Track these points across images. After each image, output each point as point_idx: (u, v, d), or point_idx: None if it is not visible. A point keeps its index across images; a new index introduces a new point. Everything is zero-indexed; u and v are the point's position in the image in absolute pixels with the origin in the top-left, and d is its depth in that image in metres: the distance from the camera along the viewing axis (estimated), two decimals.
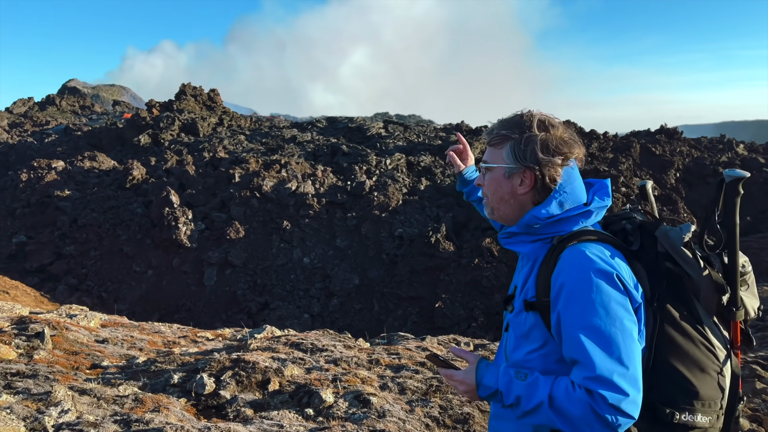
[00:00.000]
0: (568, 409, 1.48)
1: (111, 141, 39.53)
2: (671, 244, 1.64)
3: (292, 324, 20.73)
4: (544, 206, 1.65)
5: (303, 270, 22.89)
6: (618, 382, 1.45)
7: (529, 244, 1.70)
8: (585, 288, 1.52)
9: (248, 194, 24.95)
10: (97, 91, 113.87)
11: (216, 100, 45.98)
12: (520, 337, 1.69)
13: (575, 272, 1.55)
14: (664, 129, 45.01)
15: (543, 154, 1.63)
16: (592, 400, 1.45)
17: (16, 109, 63.28)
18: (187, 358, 4.47)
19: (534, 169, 1.65)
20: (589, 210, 1.66)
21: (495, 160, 1.70)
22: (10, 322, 5.27)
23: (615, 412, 1.44)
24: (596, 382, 1.46)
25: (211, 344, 6.17)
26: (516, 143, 1.66)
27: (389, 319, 21.11)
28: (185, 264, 22.97)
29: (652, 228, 1.69)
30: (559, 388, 1.51)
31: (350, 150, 29.76)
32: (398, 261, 22.20)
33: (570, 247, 1.59)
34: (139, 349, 5.34)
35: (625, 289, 1.54)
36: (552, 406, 1.50)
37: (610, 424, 1.45)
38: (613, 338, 1.48)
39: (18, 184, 29.30)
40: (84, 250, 24.10)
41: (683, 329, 1.61)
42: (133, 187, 27.57)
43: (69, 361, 4.40)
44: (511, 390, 1.57)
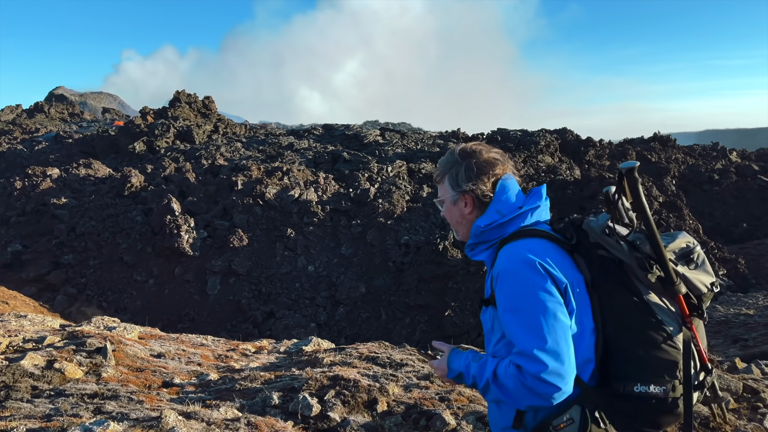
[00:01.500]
0: (505, 384, 1.70)
1: (105, 148, 38.94)
2: (594, 234, 1.83)
3: (299, 333, 20.40)
4: (483, 217, 1.92)
5: (308, 278, 22.57)
6: (538, 355, 1.64)
7: (485, 251, 1.94)
8: (510, 276, 1.75)
9: (251, 202, 24.61)
10: (85, 98, 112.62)
11: (210, 107, 45.57)
12: (488, 333, 1.91)
13: (504, 263, 1.79)
14: (658, 136, 45.46)
15: (471, 178, 1.93)
16: (519, 373, 1.67)
17: (3, 116, 62.22)
18: (266, 374, 4.22)
19: (469, 192, 1.94)
20: (523, 212, 1.89)
21: (442, 194, 2.03)
22: (61, 337, 4.98)
23: (538, 382, 1.64)
24: (520, 356, 1.67)
25: (262, 357, 5.91)
26: (451, 175, 1.97)
27: (397, 327, 20.87)
28: (188, 273, 22.54)
29: (579, 222, 1.91)
30: (501, 366, 1.73)
31: (351, 157, 29.56)
32: (405, 269, 21.97)
33: (505, 246, 1.84)
34: (197, 363, 5.07)
35: (548, 273, 1.73)
36: (495, 381, 1.72)
37: (539, 394, 1.65)
38: (533, 318, 1.68)
39: (12, 191, 28.66)
40: (83, 258, 23.56)
41: (627, 307, 1.76)
42: (132, 194, 27.08)
43: (139, 378, 4.13)
44: (469, 371, 1.81)
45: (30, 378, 3.77)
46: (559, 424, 1.73)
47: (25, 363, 3.91)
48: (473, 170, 1.94)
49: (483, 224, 1.90)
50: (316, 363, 4.65)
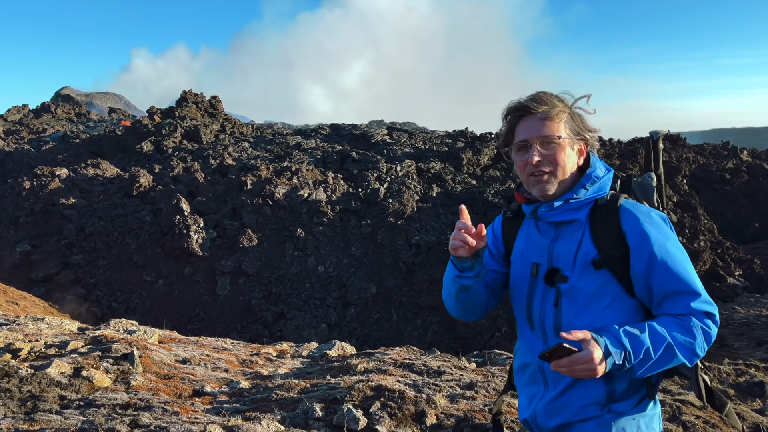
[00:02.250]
0: (686, 339, 1.63)
1: (112, 148, 38.89)
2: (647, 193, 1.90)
3: (310, 334, 20.24)
4: (595, 168, 1.83)
5: (318, 279, 22.41)
6: (711, 300, 1.68)
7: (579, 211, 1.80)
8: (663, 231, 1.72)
9: (260, 202, 24.46)
10: (91, 98, 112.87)
11: (217, 107, 45.50)
12: (587, 300, 1.75)
13: (649, 219, 1.73)
14: (668, 135, 45.00)
15: (589, 127, 1.85)
16: (702, 322, 1.64)
17: (10, 117, 62.34)
18: (301, 383, 4.03)
19: (586, 140, 1.84)
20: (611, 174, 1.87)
21: (562, 131, 1.79)
22: (84, 342, 4.81)
23: (713, 324, 1.65)
24: (704, 303, 1.66)
25: (287, 362, 5.73)
26: (570, 117, 1.81)
27: (408, 328, 20.69)
28: (197, 273, 22.41)
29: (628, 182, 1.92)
30: (670, 326, 1.64)
31: (360, 157, 29.38)
32: (416, 269, 21.78)
33: (623, 202, 1.77)
34: (224, 370, 4.90)
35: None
36: (676, 343, 1.62)
37: (711, 337, 1.65)
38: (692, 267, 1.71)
39: (20, 191, 28.61)
40: (92, 259, 23.47)
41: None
42: (140, 194, 26.97)
43: (169, 387, 3.96)
44: (637, 345, 1.61)
45: (57, 387, 3.60)
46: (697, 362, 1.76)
47: (52, 371, 3.74)
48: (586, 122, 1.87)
49: (600, 175, 1.83)
50: (349, 370, 4.47)
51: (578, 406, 1.77)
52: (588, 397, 1.76)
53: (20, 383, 3.53)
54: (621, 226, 1.73)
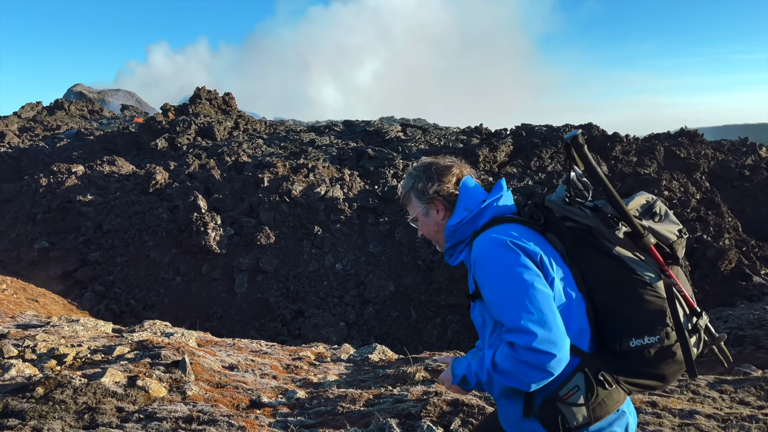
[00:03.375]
0: (503, 367, 1.69)
1: (127, 145, 38.97)
2: (557, 207, 1.92)
3: (329, 332, 20.11)
4: (452, 217, 1.99)
5: (336, 276, 22.25)
6: (526, 326, 1.64)
7: (463, 251, 1.98)
8: (484, 259, 1.79)
9: (277, 199, 24.32)
10: (103, 95, 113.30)
11: (231, 104, 45.42)
12: (480, 329, 1.92)
13: (477, 250, 1.83)
14: (685, 131, 44.42)
15: (433, 183, 2.00)
16: (513, 350, 1.67)
17: (24, 114, 62.73)
18: (363, 393, 3.84)
19: (436, 198, 2.01)
20: (488, 203, 1.95)
21: (413, 211, 2.08)
22: (130, 348, 4.65)
23: (531, 353, 1.62)
24: (510, 333, 1.67)
25: (332, 367, 5.54)
26: (415, 190, 2.05)
27: (428, 327, 20.50)
28: (215, 270, 22.33)
29: (541, 201, 1.98)
30: (498, 353, 1.72)
31: (376, 154, 29.16)
32: (435, 267, 21.56)
33: (477, 238, 1.88)
34: (272, 377, 4.72)
35: (520, 248, 1.77)
36: (495, 370, 1.71)
37: (535, 366, 1.63)
38: (513, 293, 1.69)
39: (37, 188, 28.68)
40: (110, 256, 23.46)
41: (603, 270, 1.81)
42: (156, 191, 26.93)
43: (225, 397, 3.78)
44: (471, 370, 1.82)
45: (113, 398, 3.43)
46: (566, 393, 1.73)
47: (106, 380, 3.57)
48: (434, 175, 2.02)
49: (454, 223, 1.97)
50: (407, 379, 4.27)
51: (514, 420, 1.87)
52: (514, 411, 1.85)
53: (75, 394, 3.37)
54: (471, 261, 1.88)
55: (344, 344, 7.54)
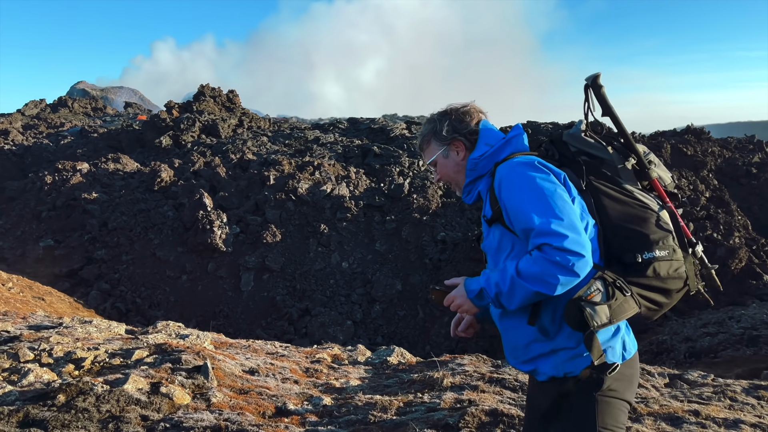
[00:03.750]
0: (531, 271, 1.76)
1: (131, 143, 38.86)
2: (576, 139, 2.06)
3: (336, 331, 20.00)
4: (474, 151, 2.11)
5: (342, 275, 22.14)
6: (556, 228, 1.75)
7: (481, 183, 2.09)
8: (513, 176, 1.90)
9: (283, 197, 24.20)
10: (106, 93, 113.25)
11: (235, 101, 45.27)
12: (495, 253, 2.01)
13: (504, 171, 1.93)
14: (692, 129, 44.14)
15: (455, 125, 2.13)
16: (543, 252, 1.75)
17: (27, 111, 62.73)
18: (393, 401, 3.71)
19: (457, 138, 2.12)
20: (509, 139, 2.08)
21: (431, 153, 2.20)
22: (149, 351, 4.53)
23: (563, 253, 1.73)
24: (541, 236, 1.76)
25: (351, 371, 5.42)
26: (434, 135, 2.17)
27: (435, 326, 20.37)
28: (221, 269, 22.23)
29: (559, 137, 2.11)
30: (521, 260, 1.81)
31: (382, 151, 29.01)
32: (442, 266, 21.43)
33: (502, 165, 1.97)
34: (294, 381, 4.60)
35: (546, 167, 1.91)
36: (520, 276, 1.77)
37: (563, 265, 1.73)
38: (543, 201, 1.81)
39: (42, 186, 28.61)
40: (115, 254, 23.38)
41: (614, 197, 1.96)
42: (162, 189, 26.83)
43: (250, 404, 3.66)
44: (490, 282, 1.86)
45: (137, 405, 3.31)
46: (589, 294, 1.79)
47: (129, 387, 3.45)
48: (456, 118, 2.14)
49: (477, 155, 2.08)
50: (434, 385, 4.14)
51: (522, 345, 1.95)
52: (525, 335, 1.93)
53: (97, 402, 3.25)
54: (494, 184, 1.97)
55: (359, 346, 7.42)
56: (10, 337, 5.62)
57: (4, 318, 6.62)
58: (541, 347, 1.92)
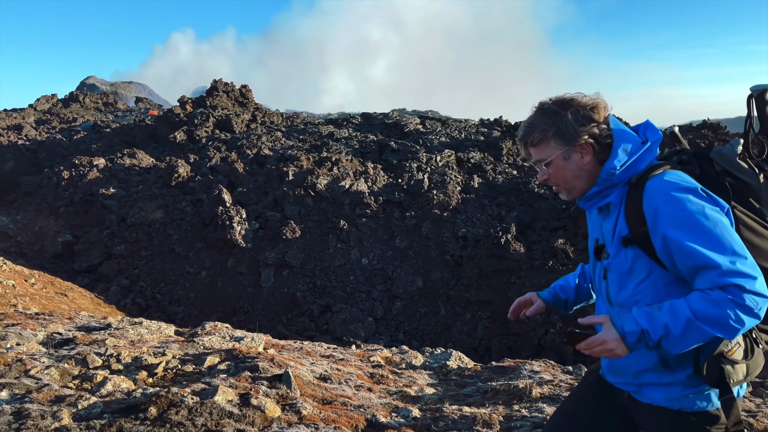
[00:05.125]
0: (713, 313, 1.59)
1: (144, 138, 38.82)
2: (727, 160, 1.84)
3: (357, 328, 19.89)
4: (612, 159, 1.85)
5: (362, 271, 22.00)
6: (743, 269, 1.60)
7: (612, 194, 1.88)
8: (678, 205, 1.70)
9: (302, 193, 24.06)
10: (115, 88, 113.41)
11: (248, 96, 45.11)
12: (624, 276, 1.84)
13: (664, 196, 1.72)
14: (708, 123, 43.68)
15: (585, 124, 1.87)
16: (730, 294, 1.59)
17: (39, 106, 62.91)
18: (493, 415, 3.54)
19: (584, 139, 1.88)
20: (650, 146, 1.86)
21: (549, 153, 1.92)
22: (220, 358, 4.38)
23: (753, 296, 1.59)
24: (727, 276, 1.60)
25: (416, 376, 5.25)
26: (556, 132, 1.88)
27: (457, 323, 20.21)
28: (241, 265, 22.15)
29: (706, 152, 1.89)
30: (694, 300, 1.63)
31: (399, 147, 28.80)
32: (464, 263, 21.23)
33: (651, 179, 1.77)
34: (367, 389, 4.44)
35: (710, 197, 1.72)
36: (698, 318, 1.60)
37: (751, 309, 1.59)
38: (721, 237, 1.64)
39: (59, 181, 28.63)
40: (134, 249, 23.35)
41: (756, 230, 1.78)
42: (179, 185, 26.78)
43: (340, 416, 3.50)
44: (656, 323, 1.65)
45: (230, 418, 3.15)
46: (730, 349, 1.70)
47: (219, 399, 3.30)
48: (584, 115, 1.89)
49: (616, 165, 1.85)
50: (522, 396, 3.97)
51: (634, 371, 1.85)
52: (640, 363, 1.82)
53: (190, 415, 3.09)
54: (642, 204, 1.78)
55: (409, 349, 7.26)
56: (64, 340, 5.49)
57: (51, 318, 6.50)
58: (656, 377, 1.82)
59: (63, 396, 3.36)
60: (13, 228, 25.96)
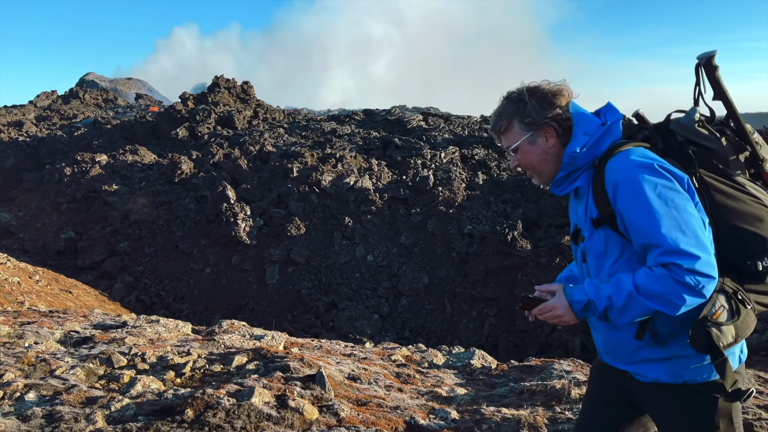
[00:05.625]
0: (654, 289, 1.66)
1: (146, 134, 38.64)
2: (687, 129, 1.90)
3: (363, 325, 19.80)
4: (573, 143, 1.92)
5: (368, 268, 21.90)
6: (686, 248, 1.64)
7: (579, 177, 1.92)
8: (633, 182, 1.75)
9: (306, 189, 23.94)
10: (115, 84, 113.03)
11: (249, 92, 44.92)
12: (599, 257, 1.90)
13: (621, 172, 1.78)
14: None
15: (546, 108, 1.94)
16: (670, 272, 1.65)
17: (39, 102, 62.67)
18: (538, 418, 3.44)
19: (546, 123, 1.94)
20: (609, 126, 1.92)
21: (514, 139, 2.00)
22: (248, 357, 4.27)
23: (693, 274, 1.63)
24: (668, 254, 1.66)
25: (442, 375, 5.15)
26: (521, 115, 1.96)
27: (464, 320, 20.13)
28: (245, 262, 22.03)
29: (666, 125, 1.94)
30: (639, 275, 1.71)
31: (403, 143, 28.68)
32: (470, 259, 21.13)
33: (611, 159, 1.84)
34: (398, 389, 4.34)
35: (668, 171, 1.75)
36: (639, 292, 1.68)
37: (693, 288, 1.63)
38: (668, 215, 1.68)
39: (61, 178, 28.47)
40: (138, 246, 23.22)
41: (727, 193, 1.81)
42: (182, 181, 26.63)
43: (379, 418, 3.39)
44: (601, 294, 1.76)
45: (269, 421, 3.05)
46: (714, 313, 1.71)
47: (256, 401, 3.19)
48: (546, 100, 1.93)
49: (576, 149, 1.89)
50: (561, 398, 3.86)
51: (629, 350, 1.86)
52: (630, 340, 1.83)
53: (228, 417, 2.99)
54: (604, 184, 1.80)
55: (428, 348, 7.17)
56: (82, 338, 5.39)
57: (66, 316, 6.39)
58: (651, 353, 1.83)
59: (94, 397, 3.25)
60: (15, 224, 25.84)
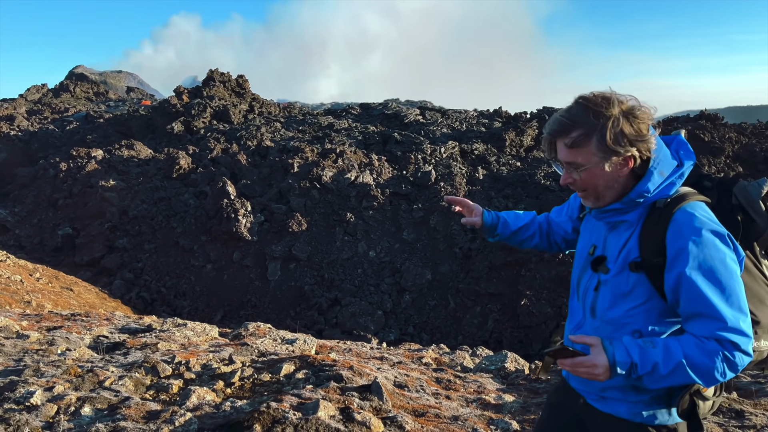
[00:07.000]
0: (701, 361, 1.60)
1: (141, 128, 38.21)
2: (748, 198, 1.78)
3: (366, 321, 19.76)
4: (647, 181, 1.72)
5: (370, 264, 21.83)
6: (743, 328, 1.61)
7: (631, 213, 1.78)
8: (704, 249, 1.64)
9: (307, 185, 23.79)
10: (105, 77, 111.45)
11: (245, 86, 44.53)
12: (619, 296, 1.79)
13: (693, 235, 1.65)
14: (706, 114, 43.79)
15: (633, 136, 1.69)
16: (724, 348, 1.60)
17: (30, 96, 61.78)
18: None
19: (631, 152, 1.70)
20: (683, 172, 1.76)
21: (587, 159, 1.73)
22: (295, 366, 4.19)
23: (742, 354, 1.61)
24: (728, 332, 1.60)
25: (481, 380, 5.11)
26: (601, 136, 1.69)
27: (467, 316, 20.14)
28: (246, 258, 21.88)
29: (731, 184, 1.83)
30: (688, 345, 1.62)
31: (403, 138, 28.56)
32: (473, 255, 21.13)
33: (679, 211, 1.70)
34: (445, 397, 4.28)
35: (734, 246, 1.68)
36: (688, 363, 1.61)
37: (737, 366, 1.62)
38: (734, 291, 1.63)
39: (57, 173, 28.09)
40: (137, 243, 22.99)
41: (752, 272, 1.76)
42: (180, 176, 26.37)
43: (442, 430, 3.33)
44: (646, 359, 1.63)
45: None
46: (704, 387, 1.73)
47: (322, 415, 3.12)
48: (633, 125, 1.70)
49: (651, 188, 1.73)
50: None
51: (600, 386, 1.83)
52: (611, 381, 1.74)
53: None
54: (665, 235, 1.69)
55: (456, 350, 7.13)
56: (113, 344, 5.28)
57: (89, 320, 6.27)
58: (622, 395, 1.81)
59: (155, 412, 3.16)
60: (11, 220, 25.48)
